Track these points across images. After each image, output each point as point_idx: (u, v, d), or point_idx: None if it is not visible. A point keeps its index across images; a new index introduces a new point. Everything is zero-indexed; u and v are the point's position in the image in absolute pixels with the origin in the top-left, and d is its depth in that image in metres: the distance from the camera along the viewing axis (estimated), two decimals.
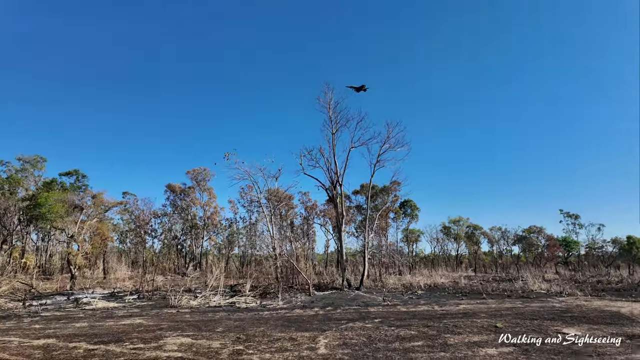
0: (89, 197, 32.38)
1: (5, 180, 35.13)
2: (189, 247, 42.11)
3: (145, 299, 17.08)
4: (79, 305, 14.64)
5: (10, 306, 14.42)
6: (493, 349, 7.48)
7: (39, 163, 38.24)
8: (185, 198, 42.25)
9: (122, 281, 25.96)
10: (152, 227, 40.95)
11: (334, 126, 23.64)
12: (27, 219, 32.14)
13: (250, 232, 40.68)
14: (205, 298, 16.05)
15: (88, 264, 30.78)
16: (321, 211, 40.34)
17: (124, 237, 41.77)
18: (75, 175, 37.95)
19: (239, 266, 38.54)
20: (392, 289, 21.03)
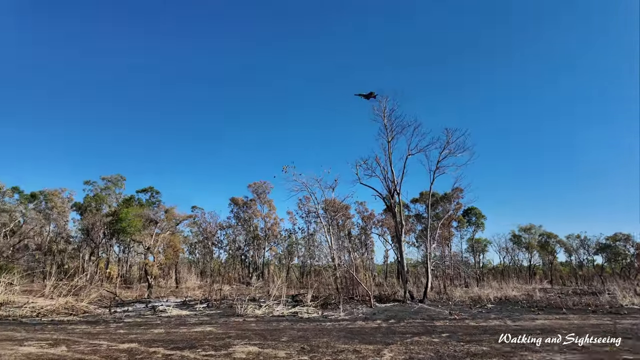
0: (162, 211, 35.09)
1: (93, 199, 39.41)
2: (251, 258, 43.76)
3: (213, 307, 17.97)
4: (156, 313, 15.80)
5: (99, 312, 15.97)
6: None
7: (119, 182, 42.40)
8: (247, 210, 44.11)
9: (192, 290, 27.58)
10: (218, 239, 43.27)
11: (390, 134, 23.37)
12: (111, 232, 35.59)
13: (309, 243, 41.28)
14: (269, 307, 16.49)
15: (162, 274, 33.24)
16: (379, 221, 39.80)
17: (193, 248, 44.56)
18: (150, 191, 41.52)
19: (299, 276, 39.16)
20: (458, 302, 20.00)
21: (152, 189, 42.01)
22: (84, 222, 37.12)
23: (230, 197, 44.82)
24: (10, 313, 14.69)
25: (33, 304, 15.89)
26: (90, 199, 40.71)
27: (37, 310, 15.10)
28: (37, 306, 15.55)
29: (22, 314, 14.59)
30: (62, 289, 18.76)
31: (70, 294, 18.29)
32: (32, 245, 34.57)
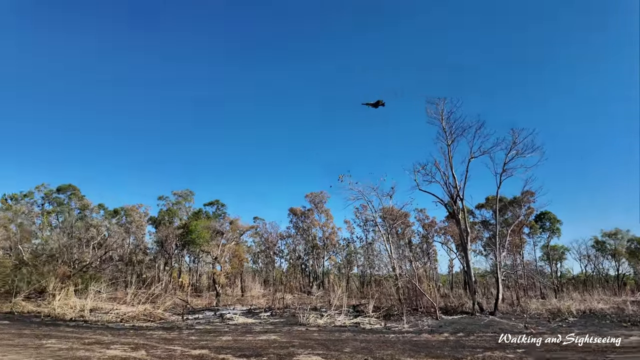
0: (227, 223, 36.90)
1: (166, 213, 42.65)
2: (311, 267, 44.23)
3: (277, 315, 18.38)
4: (224, 320, 16.54)
5: (173, 319, 17.09)
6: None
7: (188, 196, 45.46)
8: (305, 220, 44.82)
9: (257, 299, 28.49)
10: (279, 248, 44.41)
11: (449, 137, 22.42)
12: (182, 244, 38.12)
13: (368, 252, 40.77)
14: (330, 317, 16.48)
15: (229, 282, 34.80)
16: (441, 228, 38.22)
17: (256, 258, 46.14)
18: (216, 204, 44.03)
19: (359, 286, 38.73)
20: (534, 315, 18.42)
21: (218, 202, 44.54)
22: (158, 235, 40.25)
23: (289, 208, 45.92)
24: (99, 318, 16.26)
25: (117, 310, 17.45)
26: (163, 213, 44.13)
27: (120, 316, 16.56)
28: (121, 312, 17.04)
29: (108, 319, 16.08)
30: (141, 296, 20.41)
31: (148, 302, 19.81)
32: (115, 256, 38.06)
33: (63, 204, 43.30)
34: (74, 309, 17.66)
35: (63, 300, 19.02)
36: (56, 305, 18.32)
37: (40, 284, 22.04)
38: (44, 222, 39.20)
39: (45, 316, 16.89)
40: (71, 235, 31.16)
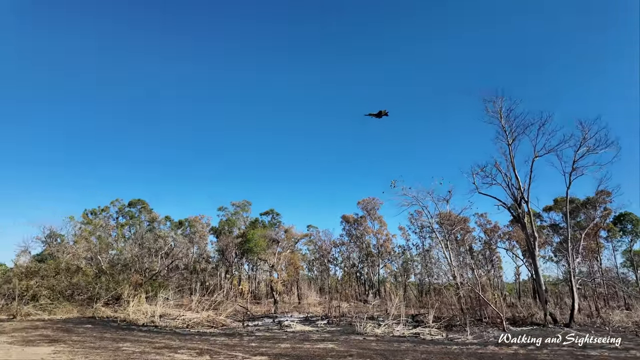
0: (282, 231, 37.77)
1: (225, 223, 44.71)
2: (366, 275, 43.67)
3: (333, 324, 18.32)
4: (282, 328, 16.81)
5: (234, 325, 17.71)
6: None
7: (245, 206, 47.33)
8: (358, 227, 44.49)
9: (313, 306, 28.67)
10: (333, 256, 44.46)
11: (510, 136, 21.10)
12: (241, 252, 39.60)
13: (425, 259, 39.39)
14: (388, 327, 16.08)
15: (285, 290, 35.43)
16: (505, 234, 35.91)
17: (311, 265, 46.59)
18: (271, 214, 45.32)
19: (417, 295, 37.49)
20: (618, 328, 16.55)
21: (273, 211, 45.79)
22: (219, 244, 42.26)
23: (341, 215, 45.90)
24: (167, 324, 17.32)
25: (183, 316, 18.47)
26: (223, 223, 46.30)
27: (186, 322, 17.49)
28: (187, 319, 18.00)
29: (175, 325, 17.07)
30: (205, 303, 21.43)
31: (211, 309, 20.74)
32: (181, 265, 40.46)
33: (134, 217, 47.09)
34: (146, 315, 18.99)
35: (136, 307, 20.54)
36: (130, 311, 19.82)
37: (117, 291, 24.02)
38: (118, 234, 42.86)
39: (122, 321, 18.33)
40: (142, 246, 33.72)
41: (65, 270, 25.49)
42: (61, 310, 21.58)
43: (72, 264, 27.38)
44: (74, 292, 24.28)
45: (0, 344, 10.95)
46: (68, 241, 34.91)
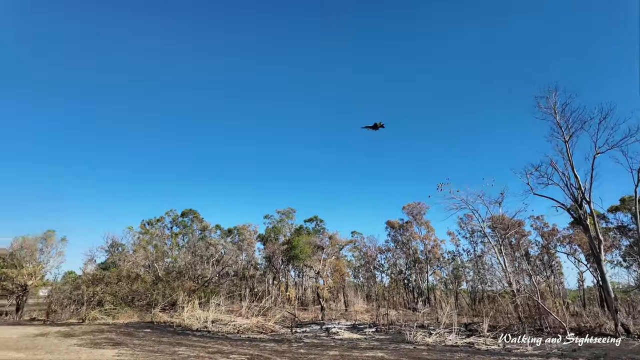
0: (326, 238, 37.87)
1: (271, 230, 45.70)
2: (414, 282, 42.46)
3: (382, 332, 17.98)
4: (330, 335, 16.78)
5: (283, 332, 17.94)
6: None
7: (290, 214, 48.11)
8: (404, 233, 43.48)
9: (360, 314, 28.35)
10: (379, 263, 43.77)
11: (566, 132, 19.69)
12: (287, 259, 40.17)
13: (477, 266, 37.63)
14: (440, 336, 15.50)
15: (332, 297, 35.36)
16: (565, 237, 33.43)
17: (357, 272, 46.17)
18: (315, 220, 45.66)
19: (469, 302, 35.84)
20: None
21: (317, 217, 46.13)
22: (266, 251, 43.20)
23: (386, 220, 45.14)
24: (219, 329, 17.91)
25: (234, 322, 19.02)
26: (269, 230, 47.36)
27: (237, 327, 17.99)
28: (237, 324, 18.52)
29: (227, 330, 17.61)
30: (254, 309, 21.93)
31: (260, 314, 21.19)
32: (231, 272, 41.79)
33: (187, 227, 49.47)
34: (199, 320, 19.79)
35: (190, 312, 21.48)
36: (185, 316, 20.76)
37: (172, 297, 25.28)
38: (173, 243, 45.19)
39: (177, 326, 19.24)
40: (194, 254, 35.28)
41: (126, 277, 27.27)
42: (123, 315, 23.10)
43: (132, 271, 29.23)
44: (134, 298, 25.87)
45: (71, 346, 11.90)
46: (128, 250, 37.33)
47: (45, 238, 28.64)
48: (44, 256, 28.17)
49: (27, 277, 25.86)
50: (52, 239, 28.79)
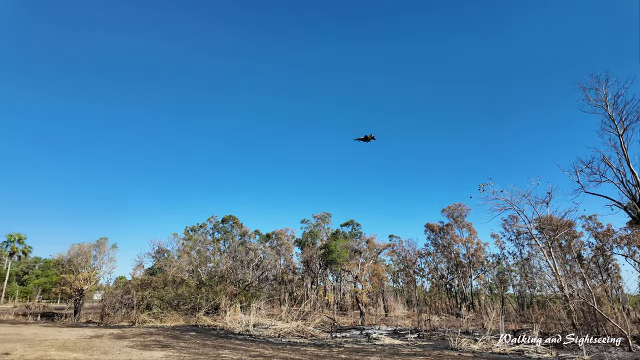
0: (364, 242, 37.55)
1: (309, 234, 45.99)
2: (457, 286, 41.05)
3: (424, 338, 17.51)
4: (370, 340, 16.56)
5: (323, 336, 17.93)
6: None
7: (326, 218, 48.27)
8: (445, 236, 42.22)
9: (401, 319, 27.80)
10: (418, 267, 42.74)
11: (620, 126, 18.35)
12: (324, 263, 40.24)
13: (525, 269, 35.79)
14: (486, 342, 14.85)
15: (371, 301, 34.94)
16: (622, 238, 31.05)
17: (396, 276, 45.37)
18: (351, 224, 45.47)
19: (517, 308, 34.12)
20: None
21: (353, 221, 45.93)
22: (303, 255, 43.55)
23: (425, 224, 44.07)
24: (260, 333, 18.22)
25: (275, 326, 19.26)
26: (306, 235, 47.75)
27: (277, 331, 18.21)
28: (278, 328, 18.74)
29: (268, 334, 17.87)
30: (294, 314, 22.12)
31: (300, 319, 21.33)
32: (270, 276, 42.52)
33: (227, 232, 50.92)
34: (241, 324, 20.24)
35: (232, 316, 22.04)
36: (227, 320, 21.32)
37: (215, 301, 26.05)
38: (215, 248, 46.66)
39: (220, 329, 19.78)
40: (235, 259, 36.22)
41: (171, 282, 28.45)
42: (170, 318, 24.10)
43: (177, 276, 30.45)
44: (179, 302, 26.92)
45: (123, 348, 12.55)
46: (173, 256, 39.00)
47: (98, 245, 30.49)
48: (97, 262, 30.00)
49: (83, 282, 27.63)
50: (104, 246, 30.60)
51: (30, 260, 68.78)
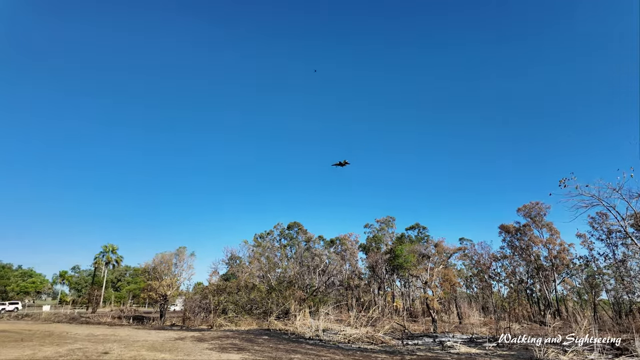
0: (432, 245, 36.17)
1: (372, 239, 45.50)
2: (539, 292, 37.71)
3: (504, 347, 16.33)
4: (444, 348, 15.84)
5: (393, 343, 17.54)
6: None
7: (390, 222, 47.40)
8: (522, 237, 39.10)
9: (477, 327, 26.24)
10: (494, 271, 40.04)
11: None
12: (391, 268, 39.45)
13: (620, 272, 31.80)
14: (578, 354, 13.44)
15: (443, 308, 33.46)
16: None
17: (469, 282, 42.97)
18: (417, 228, 44.08)
19: (613, 315, 30.42)
20: None
21: (419, 225, 44.51)
22: (368, 260, 43.11)
23: (499, 225, 41.20)
24: (330, 338, 18.33)
25: (344, 332, 19.27)
26: (370, 239, 47.28)
27: (347, 337, 18.18)
28: (347, 334, 18.72)
29: (337, 339, 17.92)
30: (362, 319, 21.95)
31: (369, 325, 21.10)
32: (336, 281, 42.69)
33: (293, 238, 52.23)
34: (310, 329, 20.54)
35: (302, 321, 22.46)
36: (297, 325, 21.78)
37: (284, 306, 26.78)
38: (282, 254, 48.12)
39: (291, 334, 20.26)
40: (302, 264, 36.98)
41: (244, 287, 29.85)
42: (243, 322, 25.25)
43: (249, 282, 31.87)
44: (252, 306, 28.13)
45: (203, 350, 13.41)
46: (244, 262, 40.89)
47: (178, 254, 33.05)
48: (177, 269, 32.51)
49: (166, 288, 30.11)
50: (183, 254, 33.09)
51: (122, 268, 76.63)
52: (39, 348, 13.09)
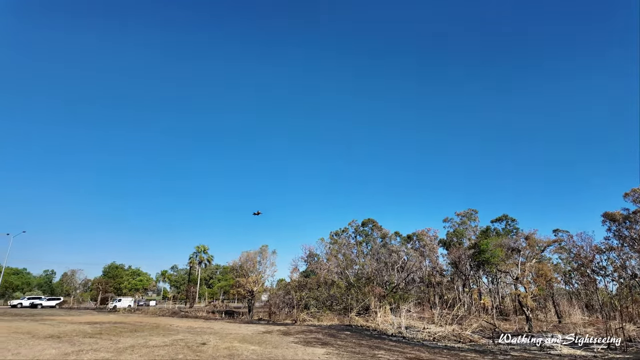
0: (522, 238, 33.26)
1: (453, 234, 43.30)
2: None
3: (617, 350, 14.41)
4: (543, 349, 14.50)
5: (483, 342, 16.51)
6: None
7: (472, 215, 44.68)
8: (632, 226, 34.02)
9: (580, 326, 23.57)
10: (598, 265, 35.49)
11: None
12: (476, 264, 37.17)
13: None
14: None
15: (538, 306, 30.62)
16: None
17: (568, 277, 38.70)
18: (505, 219, 40.89)
19: None
20: None
21: (507, 217, 41.25)
22: (450, 256, 41.05)
23: (602, 213, 36.30)
24: (413, 335, 17.88)
25: (428, 329, 18.67)
26: (451, 234, 45.04)
27: (432, 335, 17.57)
28: (432, 332, 18.10)
29: (421, 337, 17.41)
30: (446, 317, 21.02)
31: (455, 323, 20.13)
32: (416, 278, 41.44)
33: (368, 235, 51.91)
34: (393, 326, 20.24)
35: (383, 317, 22.25)
36: (379, 321, 21.62)
37: (364, 302, 26.76)
38: (358, 251, 48.13)
39: (373, 330, 20.18)
40: (379, 261, 36.60)
41: (323, 283, 30.49)
42: (325, 317, 25.79)
43: (328, 278, 32.45)
44: (332, 302, 28.60)
45: (289, 343, 13.98)
46: (322, 259, 41.71)
47: (261, 252, 34.88)
48: (261, 267, 34.32)
49: (252, 284, 31.98)
50: (266, 252, 34.83)
51: (213, 267, 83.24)
52: (149, 338, 14.84)
